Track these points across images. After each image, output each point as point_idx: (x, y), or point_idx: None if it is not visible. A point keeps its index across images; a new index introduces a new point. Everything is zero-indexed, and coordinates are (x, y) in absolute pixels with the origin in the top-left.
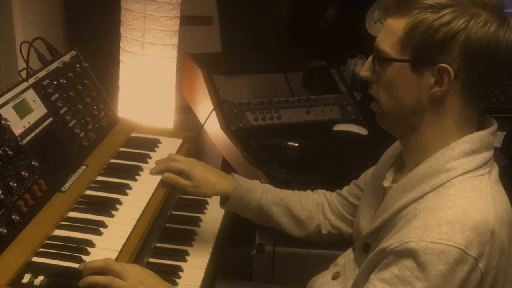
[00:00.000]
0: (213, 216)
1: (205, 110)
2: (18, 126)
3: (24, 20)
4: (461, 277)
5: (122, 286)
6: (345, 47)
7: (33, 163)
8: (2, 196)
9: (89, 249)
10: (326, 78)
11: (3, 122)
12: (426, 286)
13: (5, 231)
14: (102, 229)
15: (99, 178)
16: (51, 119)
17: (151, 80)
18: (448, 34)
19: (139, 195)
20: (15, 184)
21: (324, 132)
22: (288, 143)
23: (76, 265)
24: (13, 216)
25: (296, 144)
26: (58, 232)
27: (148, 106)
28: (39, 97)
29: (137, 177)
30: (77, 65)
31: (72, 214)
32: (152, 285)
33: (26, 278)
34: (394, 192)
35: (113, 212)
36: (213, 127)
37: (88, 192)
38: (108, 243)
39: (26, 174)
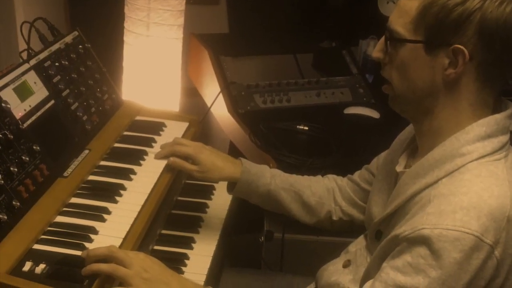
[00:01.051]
0: (220, 202)
1: (212, 92)
2: (18, 109)
3: None
4: (477, 265)
5: (126, 274)
6: (356, 27)
7: (34, 147)
8: (2, 182)
9: (92, 236)
10: (337, 60)
11: (3, 105)
12: (440, 274)
13: (5, 217)
14: (105, 216)
15: (103, 162)
16: (52, 102)
17: (156, 62)
18: (463, 14)
19: (143, 181)
20: (16, 169)
21: (335, 116)
22: (297, 126)
23: (78, 253)
24: (14, 202)
25: (306, 128)
26: (60, 219)
27: (153, 89)
28: (40, 79)
29: (141, 161)
30: (80, 46)
31: (74, 200)
32: (157, 273)
33: (27, 266)
34: (407, 177)
35: (117, 198)
36: (220, 110)
37: (91, 177)
38: (112, 230)
39: (27, 158)
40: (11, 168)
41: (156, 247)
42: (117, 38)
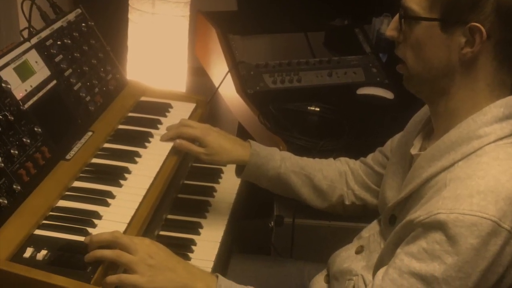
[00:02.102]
0: (228, 185)
1: (219, 72)
2: (19, 89)
3: None
4: (494, 251)
5: (130, 261)
6: (369, 4)
7: (35, 129)
8: (3, 165)
9: (96, 221)
10: (349, 38)
11: (3, 85)
12: (457, 260)
13: (6, 202)
14: (109, 200)
15: (106, 145)
16: (55, 82)
17: (162, 40)
18: None
19: (149, 164)
20: (16, 152)
21: (347, 96)
22: (308, 107)
23: (81, 239)
24: (14, 186)
25: (317, 109)
26: (62, 203)
27: (159, 68)
28: (42, 59)
29: (147, 144)
30: (83, 24)
31: (77, 183)
32: (163, 260)
33: (28, 252)
34: (422, 160)
35: (121, 182)
36: (228, 91)
37: (95, 160)
38: (116, 214)
39: (28, 141)
40: (12, 151)
41: (162, 233)
42: (122, 16)
